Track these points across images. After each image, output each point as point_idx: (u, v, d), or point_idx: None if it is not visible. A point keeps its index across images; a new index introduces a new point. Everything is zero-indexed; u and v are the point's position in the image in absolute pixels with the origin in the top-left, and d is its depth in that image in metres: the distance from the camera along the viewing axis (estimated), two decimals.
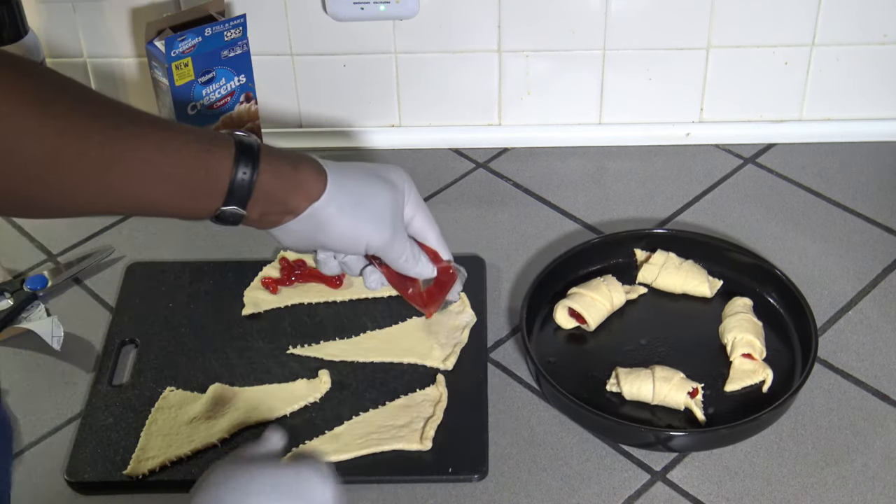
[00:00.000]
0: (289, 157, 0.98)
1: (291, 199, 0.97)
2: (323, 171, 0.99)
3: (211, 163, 0.92)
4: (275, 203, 0.97)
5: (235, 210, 0.95)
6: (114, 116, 0.88)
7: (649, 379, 1.13)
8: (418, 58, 1.45)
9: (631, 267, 1.29)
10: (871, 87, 1.46)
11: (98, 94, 0.89)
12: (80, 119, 0.86)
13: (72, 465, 1.11)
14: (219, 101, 1.36)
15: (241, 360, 1.21)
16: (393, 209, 1.03)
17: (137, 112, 0.91)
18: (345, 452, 1.10)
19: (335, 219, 0.99)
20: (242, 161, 0.93)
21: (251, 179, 0.93)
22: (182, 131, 0.92)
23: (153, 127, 0.90)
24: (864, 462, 1.10)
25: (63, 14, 1.43)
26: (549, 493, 1.08)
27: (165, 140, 0.90)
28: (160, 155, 0.89)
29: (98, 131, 0.86)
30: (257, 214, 0.96)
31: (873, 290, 1.28)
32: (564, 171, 1.47)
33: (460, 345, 1.21)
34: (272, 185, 0.95)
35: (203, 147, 0.92)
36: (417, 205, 1.06)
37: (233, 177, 0.93)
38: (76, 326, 1.27)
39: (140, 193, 0.90)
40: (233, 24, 1.32)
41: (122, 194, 0.90)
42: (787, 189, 1.42)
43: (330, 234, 1.00)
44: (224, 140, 0.94)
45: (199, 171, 0.92)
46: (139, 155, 0.88)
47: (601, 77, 1.46)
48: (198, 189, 0.93)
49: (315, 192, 0.98)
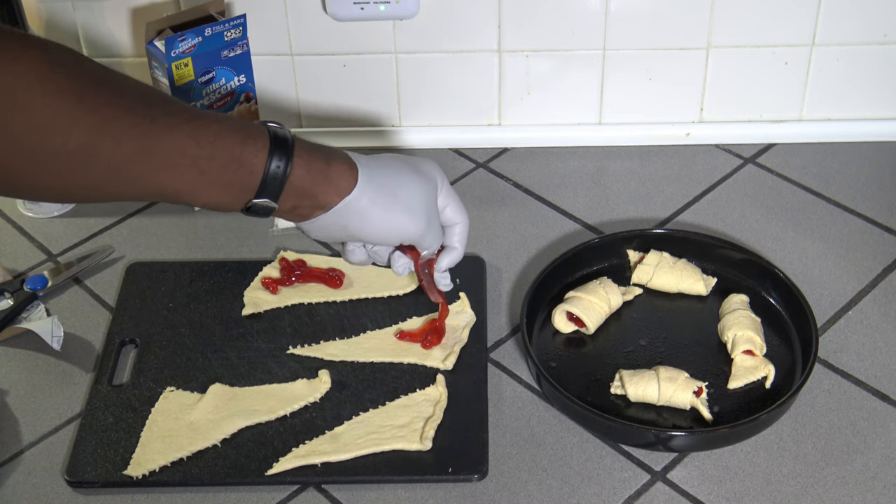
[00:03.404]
0: (321, 151, 0.98)
1: (323, 195, 0.98)
2: (354, 165, 0.99)
3: (245, 155, 0.92)
4: (306, 198, 0.97)
5: (267, 203, 0.95)
6: (149, 108, 0.88)
7: (654, 380, 1.13)
8: (418, 58, 1.45)
9: (624, 268, 1.29)
10: (871, 87, 1.46)
11: (134, 84, 0.89)
12: (116, 112, 0.85)
13: (72, 465, 1.11)
14: (219, 101, 1.36)
15: (241, 360, 1.21)
16: (426, 200, 1.03)
17: (172, 102, 0.90)
18: (345, 452, 1.10)
19: (368, 212, 1.00)
20: (276, 154, 0.93)
21: (284, 173, 0.93)
22: (216, 122, 0.91)
23: (188, 118, 0.90)
24: (864, 462, 1.10)
25: (63, 14, 1.43)
26: (549, 493, 1.08)
27: (199, 131, 0.89)
28: (194, 147, 0.89)
29: (133, 125, 0.86)
30: (288, 207, 0.97)
31: (873, 290, 1.28)
32: (564, 171, 1.47)
33: (460, 344, 1.21)
34: (304, 179, 0.95)
35: (238, 139, 0.92)
36: (450, 195, 1.07)
37: (266, 170, 0.93)
38: (76, 326, 1.27)
39: (173, 185, 0.90)
40: (233, 24, 1.32)
41: (154, 185, 0.90)
42: (787, 189, 1.42)
43: (363, 227, 1.01)
44: (258, 131, 0.93)
45: (233, 164, 0.92)
46: (173, 148, 0.88)
47: (601, 77, 1.46)
48: (231, 181, 0.93)
49: (346, 187, 0.98)
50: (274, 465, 1.10)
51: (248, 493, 1.09)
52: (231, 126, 0.92)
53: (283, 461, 1.10)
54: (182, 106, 0.91)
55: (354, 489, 1.09)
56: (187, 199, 0.93)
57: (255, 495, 1.09)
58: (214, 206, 0.95)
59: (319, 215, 0.99)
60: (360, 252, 1.09)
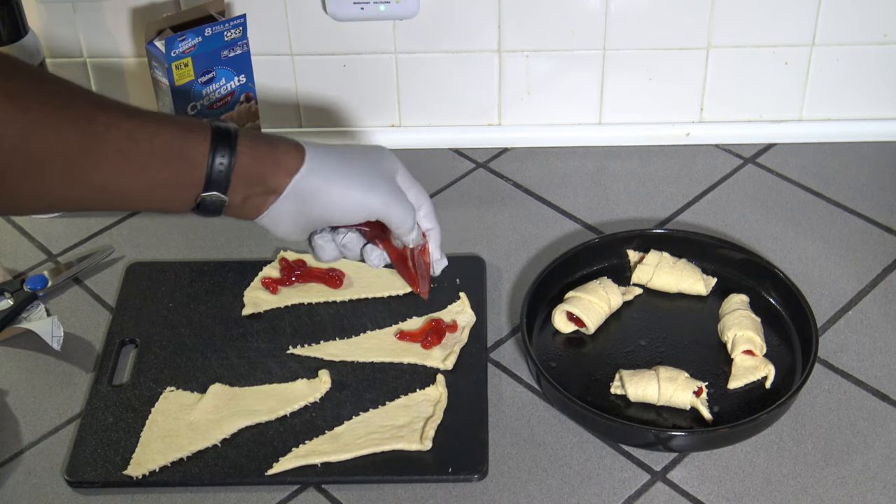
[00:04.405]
0: (265, 137, 0.97)
1: (272, 177, 0.96)
2: (301, 146, 0.98)
3: (186, 149, 0.91)
4: (255, 184, 0.95)
5: (217, 197, 0.93)
6: (87, 107, 0.87)
7: (654, 380, 1.13)
8: (418, 58, 1.45)
9: (624, 268, 1.29)
10: (871, 87, 1.46)
11: (72, 85, 0.88)
12: (52, 111, 0.85)
13: (72, 465, 1.11)
14: (219, 101, 1.36)
15: (241, 360, 1.21)
16: (382, 174, 1.01)
17: (112, 102, 0.89)
18: (345, 452, 1.10)
19: (323, 189, 0.97)
20: (219, 146, 0.92)
21: (229, 164, 0.92)
22: (156, 119, 0.91)
23: (126, 116, 0.89)
24: (864, 462, 1.10)
25: (63, 14, 1.43)
26: (549, 493, 1.08)
27: (138, 128, 0.89)
28: (132, 144, 0.88)
29: (70, 123, 0.85)
30: (239, 199, 0.95)
31: (873, 290, 1.28)
32: (564, 171, 1.47)
33: (460, 344, 1.21)
34: (251, 166, 0.94)
35: (178, 134, 0.91)
36: (408, 178, 1.04)
37: (211, 161, 0.91)
38: (76, 326, 1.27)
39: (115, 185, 0.89)
40: (233, 24, 1.32)
41: (96, 187, 0.89)
42: (787, 189, 1.42)
43: (323, 206, 0.98)
44: (200, 126, 0.93)
45: (174, 159, 0.91)
46: (112, 145, 0.87)
47: (601, 77, 1.46)
48: (175, 177, 0.91)
49: (294, 166, 0.96)
50: (274, 465, 1.10)
51: (248, 493, 1.09)
52: (171, 122, 0.91)
53: (283, 461, 1.10)
54: (121, 105, 0.90)
55: (354, 489, 1.09)
56: (134, 200, 0.92)
57: (255, 495, 1.09)
58: (163, 205, 0.94)
59: (273, 203, 0.97)
60: (329, 248, 1.05)
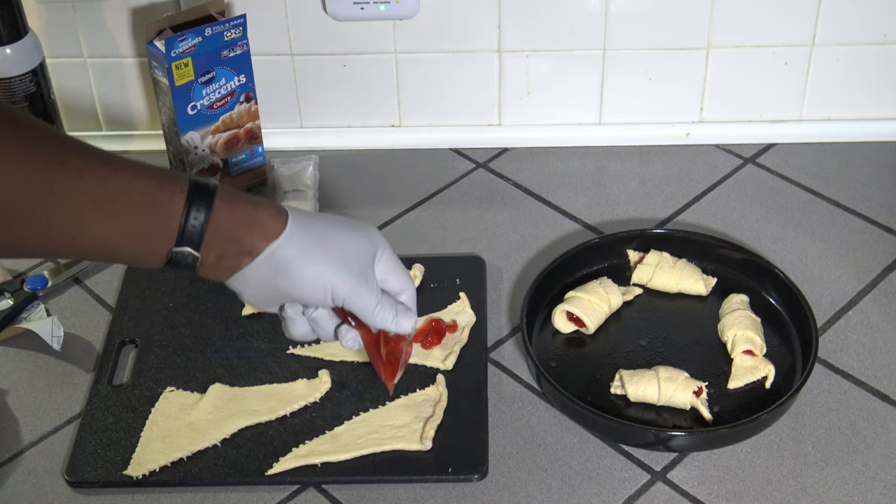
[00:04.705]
0: (246, 197, 0.93)
1: (248, 239, 0.92)
2: (284, 211, 0.94)
3: (160, 199, 0.87)
4: (231, 242, 0.91)
5: (189, 253, 0.89)
6: (60, 152, 0.84)
7: (654, 380, 1.13)
8: (418, 58, 1.45)
9: (624, 268, 1.29)
10: (871, 87, 1.46)
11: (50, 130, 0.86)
12: (21, 152, 0.82)
13: (72, 465, 1.11)
14: (219, 101, 1.36)
15: (241, 360, 1.21)
16: (360, 255, 0.96)
17: (88, 147, 0.86)
18: (345, 452, 1.10)
19: (297, 261, 0.93)
20: (196, 199, 0.88)
21: (204, 219, 0.88)
22: (132, 167, 0.87)
23: (99, 162, 0.85)
24: (864, 462, 1.10)
25: (63, 14, 1.43)
26: (549, 493, 1.08)
27: (111, 175, 0.85)
28: (103, 191, 0.84)
29: (39, 168, 0.82)
30: (213, 258, 0.91)
31: (873, 290, 1.28)
32: (564, 171, 1.47)
33: (460, 344, 1.21)
34: (227, 223, 0.90)
35: (152, 184, 0.87)
36: (392, 261, 0.99)
37: (185, 215, 0.87)
38: (76, 326, 1.27)
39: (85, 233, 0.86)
40: (233, 24, 1.32)
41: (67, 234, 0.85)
42: (787, 189, 1.42)
43: (293, 280, 0.94)
44: (176, 178, 0.89)
45: (147, 209, 0.87)
46: (82, 191, 0.84)
47: (601, 77, 1.46)
48: (146, 228, 0.88)
49: (274, 231, 0.92)
50: (274, 465, 1.10)
51: (248, 493, 1.09)
52: (147, 172, 0.87)
53: (283, 461, 1.10)
54: (98, 151, 0.86)
55: (354, 489, 1.09)
56: (103, 250, 0.89)
57: (255, 495, 1.09)
58: (133, 258, 0.90)
59: (247, 265, 0.93)
60: (300, 321, 1.00)
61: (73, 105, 1.50)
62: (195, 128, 1.36)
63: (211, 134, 1.37)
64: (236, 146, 1.40)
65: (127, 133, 1.52)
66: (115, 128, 1.53)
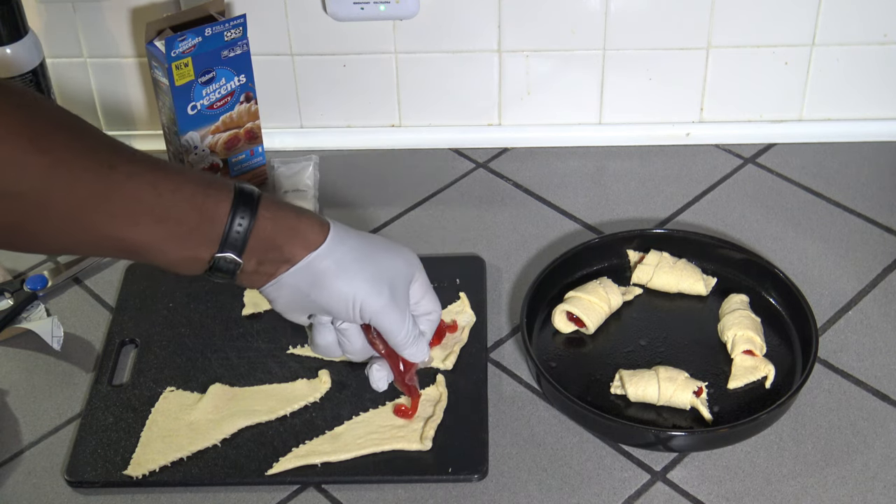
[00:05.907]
0: (291, 206, 0.95)
1: (289, 247, 0.94)
2: (326, 223, 0.96)
3: (207, 206, 0.89)
4: (272, 249, 0.93)
5: (232, 258, 0.91)
6: (110, 155, 0.86)
7: (654, 380, 1.13)
8: (418, 58, 1.45)
9: (624, 268, 1.29)
10: (871, 87, 1.46)
11: (99, 133, 0.87)
12: (73, 155, 0.84)
13: (72, 465, 1.11)
14: (219, 101, 1.36)
15: (241, 360, 1.21)
16: (394, 275, 0.99)
17: (136, 152, 0.88)
18: (345, 452, 1.10)
19: (332, 274, 0.95)
20: (241, 206, 0.90)
21: (249, 225, 0.90)
22: (180, 172, 0.89)
23: (149, 167, 0.87)
24: (864, 462, 1.10)
25: (63, 14, 1.43)
26: (549, 493, 1.08)
27: (160, 180, 0.87)
28: (153, 195, 0.87)
29: (90, 169, 0.84)
30: (254, 264, 0.93)
31: (873, 290, 1.28)
32: (564, 171, 1.47)
33: (460, 344, 1.21)
34: (270, 230, 0.92)
35: (200, 189, 0.89)
36: (426, 286, 1.02)
37: (230, 220, 0.90)
38: (76, 326, 1.27)
39: (130, 235, 0.88)
40: (233, 24, 1.32)
41: (112, 235, 0.87)
42: (787, 189, 1.42)
43: (325, 292, 0.96)
44: (223, 184, 0.91)
45: (194, 214, 0.89)
46: (131, 195, 0.86)
47: (601, 77, 1.46)
48: (191, 233, 0.90)
49: (315, 241, 0.95)
50: (274, 465, 1.10)
51: (248, 493, 1.09)
52: (194, 177, 0.90)
53: (283, 461, 1.10)
54: (146, 156, 0.88)
55: (354, 489, 1.09)
56: (148, 252, 0.90)
57: (255, 495, 1.09)
58: (176, 262, 0.92)
59: (284, 273, 0.95)
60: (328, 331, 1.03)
61: (73, 105, 1.50)
62: (195, 128, 1.36)
63: (211, 134, 1.37)
64: (236, 146, 1.40)
65: (127, 133, 1.52)
66: (115, 128, 1.53)
